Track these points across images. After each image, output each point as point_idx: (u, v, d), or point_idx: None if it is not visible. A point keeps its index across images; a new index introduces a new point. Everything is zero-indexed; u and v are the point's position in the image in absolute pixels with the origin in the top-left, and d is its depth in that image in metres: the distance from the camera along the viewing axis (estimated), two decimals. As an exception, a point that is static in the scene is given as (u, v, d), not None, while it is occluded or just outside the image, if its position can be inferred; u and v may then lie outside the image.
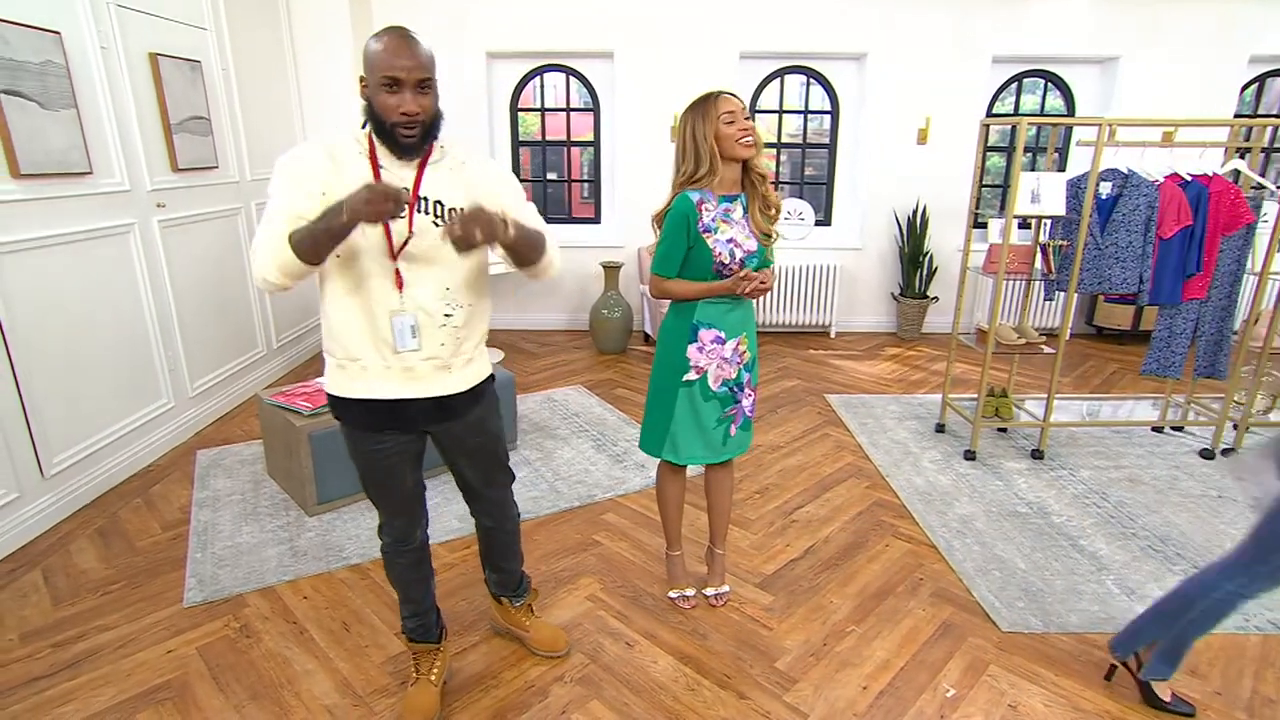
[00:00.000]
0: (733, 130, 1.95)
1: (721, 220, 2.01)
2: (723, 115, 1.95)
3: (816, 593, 2.44)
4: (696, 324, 2.09)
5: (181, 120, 3.50)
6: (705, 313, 2.08)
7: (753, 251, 2.02)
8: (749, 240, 2.02)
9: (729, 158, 1.98)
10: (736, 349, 2.11)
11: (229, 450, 3.48)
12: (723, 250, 2.00)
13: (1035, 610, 2.32)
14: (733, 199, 2.04)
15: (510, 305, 5.78)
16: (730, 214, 2.03)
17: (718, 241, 2.00)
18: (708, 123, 1.96)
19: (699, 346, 2.10)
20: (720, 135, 1.96)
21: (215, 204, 3.87)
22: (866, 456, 3.47)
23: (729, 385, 2.14)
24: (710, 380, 2.12)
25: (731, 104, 1.96)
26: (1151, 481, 3.21)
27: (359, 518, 2.88)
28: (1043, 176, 3.13)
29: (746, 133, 1.95)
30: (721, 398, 2.14)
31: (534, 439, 3.63)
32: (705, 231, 2.01)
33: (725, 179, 2.02)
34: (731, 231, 2.01)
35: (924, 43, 5.14)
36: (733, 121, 1.95)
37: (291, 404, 2.91)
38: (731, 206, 2.03)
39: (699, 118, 1.97)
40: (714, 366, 2.11)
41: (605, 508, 2.99)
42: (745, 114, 1.97)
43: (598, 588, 2.47)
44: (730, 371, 2.13)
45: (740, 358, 2.13)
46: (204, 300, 3.77)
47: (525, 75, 5.47)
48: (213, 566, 2.53)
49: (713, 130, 1.96)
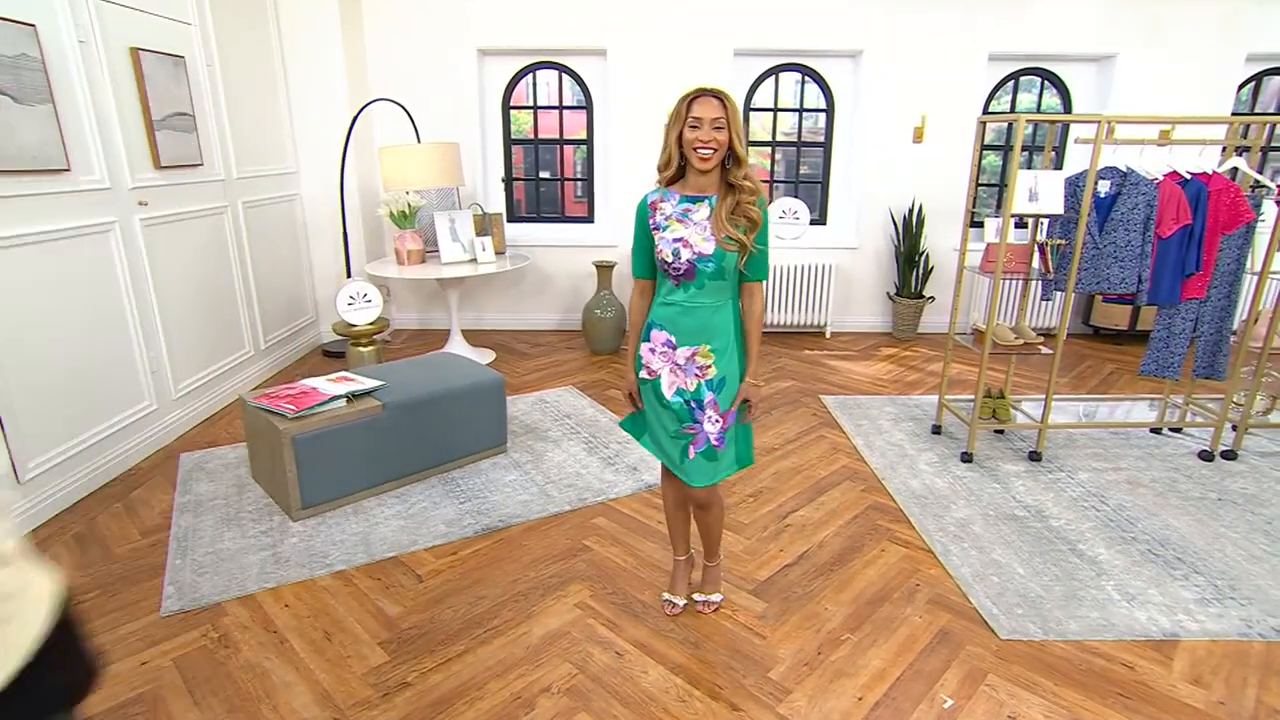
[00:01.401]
0: (691, 138, 1.87)
1: (676, 220, 1.95)
2: (690, 119, 1.87)
3: (811, 599, 2.39)
4: (651, 323, 2.04)
5: (164, 117, 3.43)
6: (658, 312, 2.03)
7: (706, 255, 1.91)
8: (705, 243, 1.91)
9: (689, 165, 1.92)
10: (692, 359, 1.99)
11: (213, 454, 3.42)
12: (665, 249, 1.94)
13: (1034, 617, 2.27)
14: (699, 199, 1.96)
15: (502, 305, 5.72)
16: (690, 214, 1.95)
17: (663, 239, 1.94)
18: (676, 122, 1.90)
19: (650, 347, 2.04)
20: (684, 139, 1.89)
21: (200, 202, 3.80)
22: (862, 459, 3.42)
23: (684, 398, 2.00)
24: (664, 386, 2.02)
25: (704, 109, 1.84)
26: (1151, 484, 3.16)
27: (344, 522, 2.82)
28: (1040, 175, 3.08)
29: (706, 144, 1.85)
30: (677, 410, 2.02)
31: (524, 441, 3.57)
32: (655, 229, 1.97)
33: (693, 181, 1.95)
34: (684, 231, 1.93)
35: (921, 40, 5.09)
36: (697, 128, 1.86)
37: (276, 406, 2.85)
38: (695, 207, 1.95)
39: (673, 116, 1.91)
40: (666, 371, 2.02)
41: (596, 512, 2.93)
42: (717, 123, 1.83)
43: (587, 595, 2.41)
44: (686, 382, 2.00)
45: (699, 371, 1.98)
46: (189, 300, 3.71)
47: (518, 73, 5.41)
48: (192, 574, 2.46)
49: (677, 131, 1.90)
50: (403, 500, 3.00)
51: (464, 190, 5.33)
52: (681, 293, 1.98)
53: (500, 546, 2.68)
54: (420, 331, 5.68)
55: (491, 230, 4.89)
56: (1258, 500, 3.01)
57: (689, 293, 1.97)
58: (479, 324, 5.73)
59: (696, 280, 1.96)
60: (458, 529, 2.78)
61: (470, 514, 2.89)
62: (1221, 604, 2.32)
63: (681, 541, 2.34)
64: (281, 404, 2.86)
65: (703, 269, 1.94)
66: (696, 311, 1.98)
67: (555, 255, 5.58)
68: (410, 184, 4.43)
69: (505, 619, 2.27)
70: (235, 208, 4.13)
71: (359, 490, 2.98)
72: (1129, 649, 2.14)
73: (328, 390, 2.98)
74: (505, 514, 2.89)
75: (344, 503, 2.94)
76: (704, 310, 1.98)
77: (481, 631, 2.22)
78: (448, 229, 4.71)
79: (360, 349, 4.13)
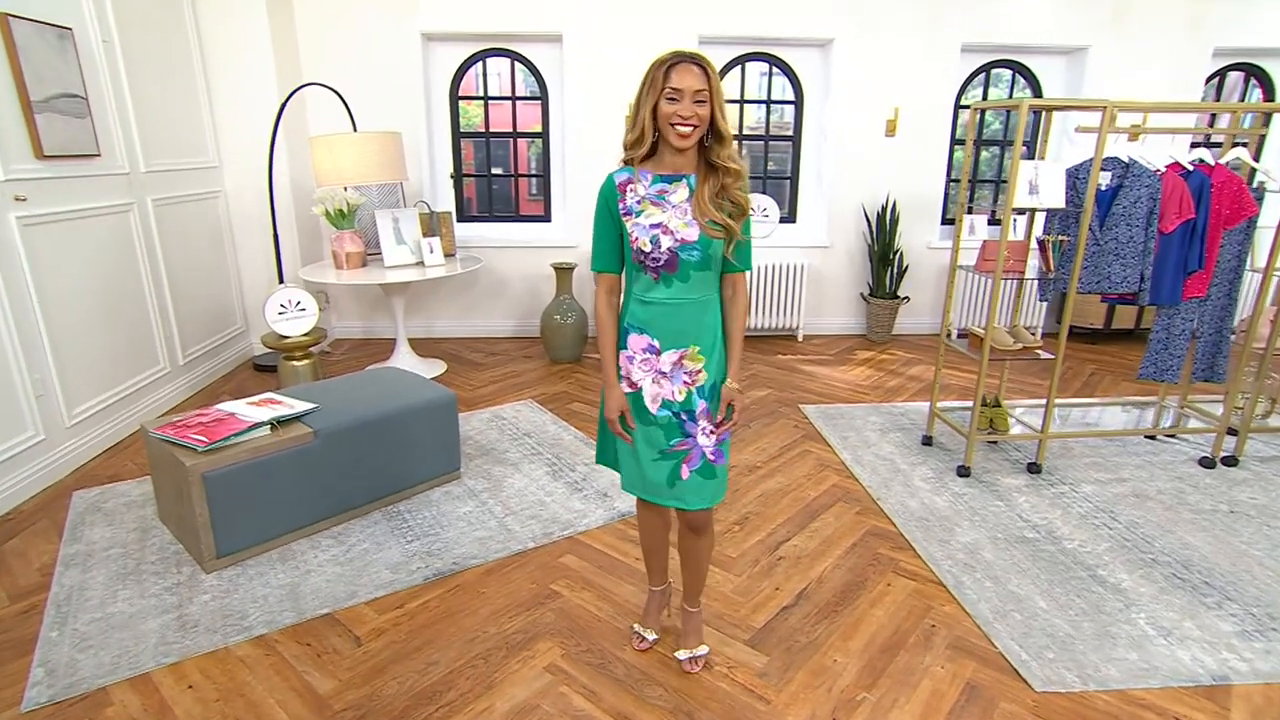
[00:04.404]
0: (669, 111, 1.56)
1: (650, 203, 1.64)
2: (668, 91, 1.56)
3: (817, 649, 2.08)
4: (627, 327, 1.73)
5: (47, 98, 2.94)
6: (635, 313, 1.72)
7: (690, 242, 1.62)
8: (688, 229, 1.62)
9: (665, 140, 1.62)
10: (679, 363, 1.70)
11: (114, 490, 2.94)
12: (642, 236, 1.63)
13: (1068, 662, 2.00)
14: (675, 179, 1.65)
15: (452, 311, 5.29)
16: (667, 195, 1.64)
17: (637, 226, 1.64)
18: (651, 91, 1.58)
19: (628, 354, 1.74)
20: (660, 112, 1.58)
21: (99, 198, 3.30)
22: (853, 476, 3.14)
23: (672, 410, 1.72)
24: (646, 398, 1.73)
25: (685, 78, 1.54)
26: (1158, 496, 2.96)
27: (269, 572, 2.40)
28: (1041, 166, 2.85)
29: (687, 120, 1.56)
30: (664, 425, 1.73)
31: (480, 465, 3.19)
32: (626, 214, 1.65)
33: (666, 159, 1.65)
34: (662, 216, 1.63)
35: (893, 28, 4.87)
36: (676, 100, 1.55)
37: (183, 438, 2.41)
38: (671, 188, 1.65)
39: (648, 83, 1.59)
40: (648, 381, 1.72)
41: (563, 548, 2.58)
42: (699, 96, 1.55)
43: (558, 654, 2.05)
44: (673, 392, 1.71)
45: (689, 377, 1.71)
46: (85, 312, 3.21)
47: (466, 60, 4.99)
48: (71, 649, 2.02)
49: (652, 103, 1.58)
50: (340, 541, 2.59)
51: (409, 186, 4.89)
52: (663, 288, 1.67)
53: (455, 596, 2.30)
54: (364, 341, 5.21)
55: (440, 230, 4.47)
56: (1270, 512, 2.84)
57: (672, 287, 1.66)
58: (428, 332, 5.29)
59: (679, 272, 1.65)
60: (404, 575, 2.39)
61: (419, 555, 2.50)
62: (1265, 638, 2.10)
63: (660, 572, 2.07)
64: (190, 435, 2.42)
65: (687, 259, 1.63)
66: (682, 309, 1.68)
67: (510, 257, 5.18)
68: (347, 178, 3.98)
69: (462, 691, 1.90)
70: (144, 205, 3.63)
71: (287, 532, 2.56)
72: (1178, 698, 1.89)
73: (248, 416, 2.55)
74: (460, 554, 2.51)
75: (269, 547, 2.52)
76: (690, 307, 1.68)
77: (434, 710, 1.84)
78: (391, 229, 4.28)
79: (294, 363, 3.67)
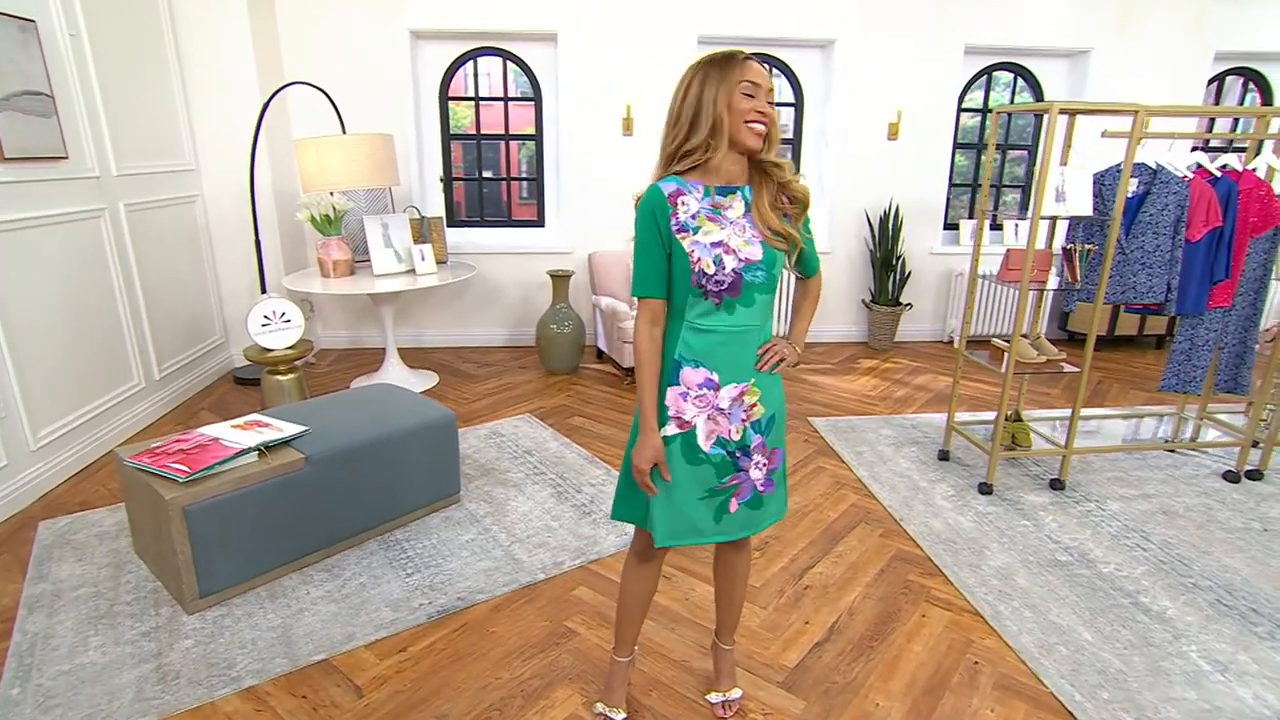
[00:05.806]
0: (747, 107, 1.42)
1: (706, 218, 1.47)
2: (743, 84, 1.41)
3: (856, 692, 1.94)
4: (679, 360, 1.53)
5: (8, 95, 2.72)
6: (690, 342, 1.52)
7: (755, 261, 1.47)
8: (750, 246, 1.47)
9: (734, 141, 1.45)
10: (739, 399, 1.54)
11: (85, 519, 2.72)
12: (704, 256, 1.45)
13: (1125, 703, 1.88)
14: (730, 191, 1.50)
15: (443, 319, 5.10)
16: (723, 210, 1.48)
17: (697, 245, 1.46)
18: (723, 85, 1.42)
19: (681, 391, 1.54)
20: (733, 108, 1.42)
21: (66, 204, 3.08)
22: (871, 495, 3.01)
23: (727, 448, 1.57)
24: (700, 437, 1.55)
25: (760, 74, 1.44)
26: (1186, 513, 2.87)
27: (257, 612, 2.21)
28: (1068, 172, 2.74)
29: (762, 118, 1.43)
30: (716, 462, 1.56)
31: (481, 487, 3.01)
32: (680, 231, 1.46)
33: (723, 167, 1.48)
34: (722, 233, 1.47)
35: (897, 30, 4.77)
36: (753, 95, 1.42)
37: (162, 468, 2.21)
38: (726, 201, 1.49)
39: (714, 77, 1.43)
40: (703, 419, 1.55)
41: (576, 579, 2.41)
42: (770, 95, 1.47)
43: (578, 702, 1.89)
44: (730, 429, 1.55)
45: (747, 412, 1.56)
46: (50, 326, 2.98)
47: (457, 59, 4.81)
48: (35, 709, 1.81)
49: (726, 98, 1.42)
50: (334, 575, 2.40)
51: (397, 191, 4.70)
52: (724, 314, 1.50)
53: (462, 636, 2.13)
54: (351, 351, 5.00)
55: (431, 236, 4.28)
56: (1303, 529, 2.75)
57: (735, 314, 1.50)
58: (418, 341, 5.09)
59: (743, 296, 1.48)
60: (406, 613, 2.21)
61: (421, 590, 2.33)
62: (1325, 671, 2.00)
63: (631, 641, 1.82)
64: (170, 464, 2.22)
65: (751, 280, 1.48)
66: (745, 337, 1.52)
67: (503, 264, 5.00)
68: (336, 183, 3.78)
69: (476, 750, 1.73)
70: (115, 211, 3.41)
71: (277, 566, 2.37)
72: (1246, 742, 1.78)
73: (233, 442, 2.36)
74: (465, 588, 2.34)
75: (257, 584, 2.33)
76: (753, 334, 1.54)
77: (445, 773, 1.67)
78: (380, 235, 4.08)
79: (278, 377, 3.47)
